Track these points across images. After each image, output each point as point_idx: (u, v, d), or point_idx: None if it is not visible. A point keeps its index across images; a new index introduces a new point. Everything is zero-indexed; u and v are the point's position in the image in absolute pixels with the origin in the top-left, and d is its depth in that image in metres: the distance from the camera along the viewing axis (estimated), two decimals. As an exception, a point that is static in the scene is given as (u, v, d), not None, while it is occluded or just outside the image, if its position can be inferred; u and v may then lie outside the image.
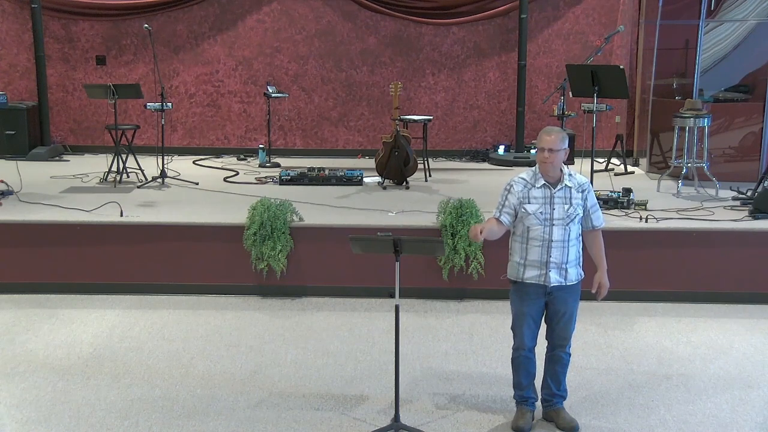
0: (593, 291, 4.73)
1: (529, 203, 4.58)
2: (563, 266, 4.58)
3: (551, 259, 4.56)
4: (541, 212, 4.56)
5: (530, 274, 4.62)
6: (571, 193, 4.58)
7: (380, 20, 10.99)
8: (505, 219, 4.63)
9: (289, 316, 6.59)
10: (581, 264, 4.70)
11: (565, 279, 4.61)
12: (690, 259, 6.93)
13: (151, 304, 6.81)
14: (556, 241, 4.55)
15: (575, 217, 4.57)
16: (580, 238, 4.69)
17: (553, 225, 4.55)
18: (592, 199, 4.66)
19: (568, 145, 4.75)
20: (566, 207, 4.56)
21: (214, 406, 5.01)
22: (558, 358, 4.76)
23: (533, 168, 4.67)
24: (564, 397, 4.84)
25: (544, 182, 4.58)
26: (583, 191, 4.62)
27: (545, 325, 4.75)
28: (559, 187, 4.57)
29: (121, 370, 5.53)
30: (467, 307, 6.81)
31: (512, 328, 4.78)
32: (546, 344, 4.79)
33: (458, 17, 10.91)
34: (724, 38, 9.40)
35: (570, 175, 4.63)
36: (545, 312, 4.71)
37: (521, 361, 4.77)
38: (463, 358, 5.76)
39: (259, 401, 5.09)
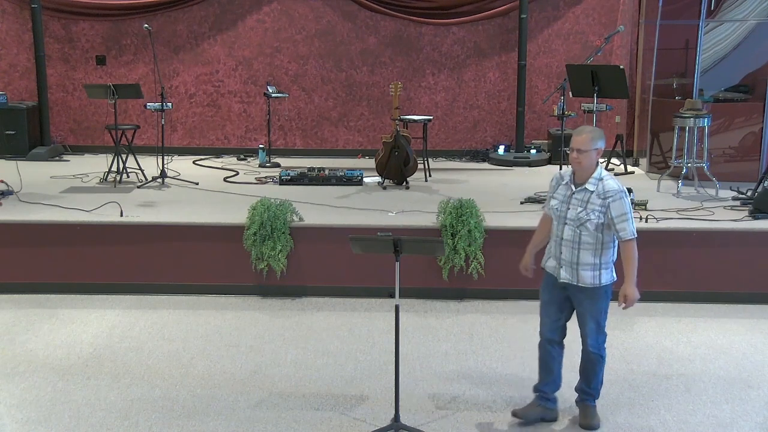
0: (619, 304, 4.66)
1: (553, 197, 4.69)
2: (573, 266, 4.59)
3: (561, 256, 4.63)
4: (557, 209, 4.64)
5: (549, 264, 4.76)
6: (590, 197, 4.51)
7: (380, 20, 10.99)
8: (548, 210, 4.81)
9: (289, 316, 6.59)
10: (608, 269, 4.62)
11: (577, 280, 4.60)
12: (690, 259, 6.93)
13: (151, 304, 6.81)
14: (566, 240, 4.59)
15: (586, 222, 4.51)
16: (609, 244, 4.59)
17: (566, 224, 4.59)
18: (617, 210, 4.49)
19: (566, 145, 4.75)
20: (579, 210, 4.52)
21: (214, 406, 5.02)
22: (585, 353, 4.77)
23: None
24: (593, 396, 4.84)
25: (569, 180, 4.61)
26: (605, 198, 4.48)
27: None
28: (580, 188, 4.54)
29: (121, 370, 5.53)
30: (467, 307, 6.82)
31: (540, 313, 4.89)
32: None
33: (458, 17, 10.91)
34: (724, 38, 9.40)
35: (600, 179, 4.52)
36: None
37: (540, 351, 4.87)
38: (463, 358, 5.76)
39: (259, 401, 5.09)
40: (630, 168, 10.11)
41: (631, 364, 5.69)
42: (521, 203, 7.89)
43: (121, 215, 7.22)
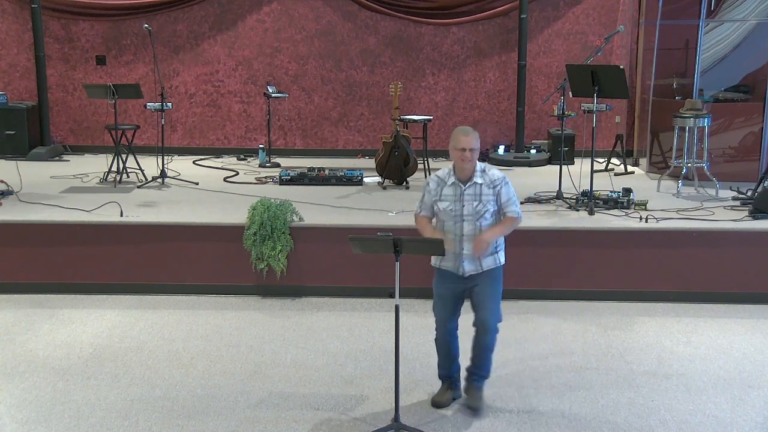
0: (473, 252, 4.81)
1: (441, 200, 4.82)
2: (477, 258, 4.81)
3: (464, 251, 4.80)
4: (451, 209, 4.80)
5: (446, 264, 4.90)
6: (481, 189, 4.76)
7: (380, 20, 10.99)
8: (427, 213, 4.95)
9: (289, 316, 6.59)
10: (500, 250, 4.89)
11: (481, 267, 4.84)
12: (690, 259, 6.93)
13: (151, 304, 6.81)
14: (467, 236, 4.78)
15: (485, 213, 4.76)
16: None
17: (464, 221, 4.78)
18: (506, 194, 4.77)
19: (566, 145, 4.81)
20: (475, 204, 4.75)
21: (214, 406, 5.01)
22: (482, 342, 4.90)
23: (450, 166, 4.88)
24: (484, 377, 5.03)
25: (454, 180, 4.79)
26: (494, 187, 4.75)
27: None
28: (468, 184, 4.76)
29: (121, 370, 5.53)
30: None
31: (432, 309, 5.04)
32: (473, 331, 4.95)
33: (458, 17, 10.91)
34: (724, 38, 9.40)
35: (483, 171, 4.80)
36: (469, 299, 4.94)
37: (441, 341, 5.01)
38: (464, 358, 5.74)
39: (259, 401, 5.09)
40: (630, 168, 10.11)
41: (631, 364, 5.69)
42: (521, 203, 7.88)
43: (121, 215, 7.22)
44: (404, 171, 8.91)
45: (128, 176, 9.03)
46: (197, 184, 8.89)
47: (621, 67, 7.64)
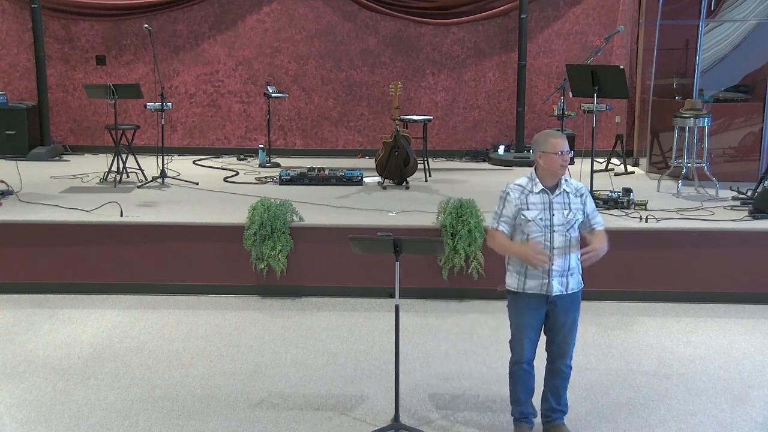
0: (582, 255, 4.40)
1: (528, 209, 4.38)
2: (565, 274, 4.39)
3: (554, 267, 4.35)
4: (541, 218, 4.36)
5: (532, 284, 4.40)
6: (569, 198, 4.39)
7: (380, 20, 10.99)
8: (505, 229, 4.44)
9: (289, 316, 6.59)
10: (581, 271, 4.53)
11: (567, 288, 4.41)
12: (690, 259, 6.93)
13: (151, 304, 6.81)
14: (558, 248, 4.36)
15: (575, 223, 4.38)
16: (579, 244, 4.49)
17: (554, 231, 4.35)
18: (591, 204, 4.50)
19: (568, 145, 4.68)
20: (566, 212, 4.37)
21: (214, 406, 5.01)
22: (558, 372, 4.55)
23: (529, 173, 4.49)
24: (564, 412, 4.66)
25: (542, 187, 4.39)
26: (581, 195, 4.44)
27: (544, 337, 4.56)
28: (557, 192, 4.38)
29: (121, 370, 5.53)
30: (467, 307, 6.81)
31: (510, 342, 4.58)
32: (546, 357, 4.61)
33: (458, 17, 10.91)
34: (724, 38, 9.40)
35: (566, 179, 4.44)
36: (545, 323, 4.52)
37: (520, 375, 4.57)
38: (463, 358, 5.76)
39: (259, 401, 5.09)
40: (630, 168, 10.12)
41: (631, 364, 5.69)
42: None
43: (121, 215, 7.22)
44: (404, 171, 8.91)
45: (128, 176, 9.03)
46: (197, 184, 8.89)
47: (621, 67, 7.64)
